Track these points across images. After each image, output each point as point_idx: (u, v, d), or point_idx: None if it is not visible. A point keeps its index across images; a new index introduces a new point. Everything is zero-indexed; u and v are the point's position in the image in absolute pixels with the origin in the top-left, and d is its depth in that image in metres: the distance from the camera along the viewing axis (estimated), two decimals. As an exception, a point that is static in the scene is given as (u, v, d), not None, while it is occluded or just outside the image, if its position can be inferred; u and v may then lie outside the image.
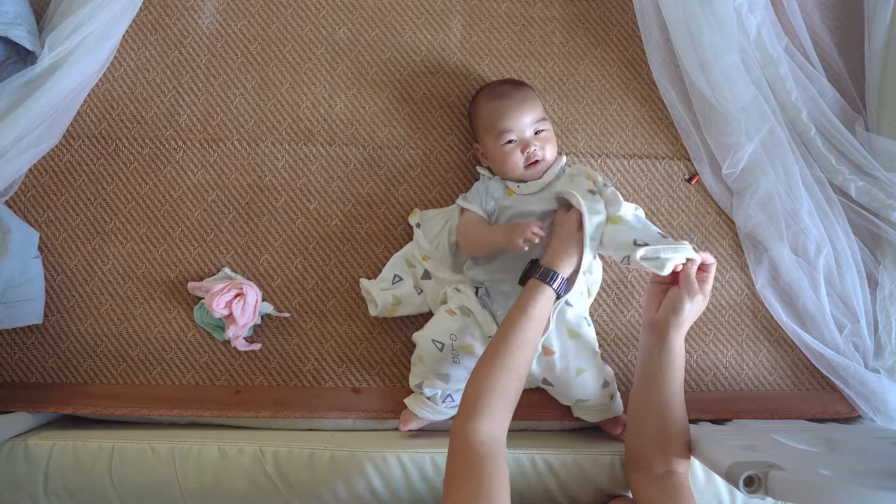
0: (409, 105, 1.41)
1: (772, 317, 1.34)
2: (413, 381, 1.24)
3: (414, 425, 1.25)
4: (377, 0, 1.44)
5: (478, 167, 1.34)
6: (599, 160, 1.40)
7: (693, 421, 1.27)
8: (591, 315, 1.30)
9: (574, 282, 1.13)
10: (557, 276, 1.08)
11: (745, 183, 1.34)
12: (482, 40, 1.44)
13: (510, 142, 1.23)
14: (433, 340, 1.21)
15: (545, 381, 1.22)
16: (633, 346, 1.34)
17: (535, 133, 1.24)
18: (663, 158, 1.41)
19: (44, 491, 1.19)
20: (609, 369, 1.25)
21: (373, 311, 1.30)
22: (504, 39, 1.44)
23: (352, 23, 1.43)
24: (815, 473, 0.86)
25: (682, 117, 1.39)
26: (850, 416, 1.31)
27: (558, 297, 1.09)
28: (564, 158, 1.29)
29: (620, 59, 1.44)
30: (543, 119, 1.26)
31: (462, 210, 1.28)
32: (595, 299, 1.31)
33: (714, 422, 1.30)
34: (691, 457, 1.08)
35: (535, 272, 1.09)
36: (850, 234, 1.32)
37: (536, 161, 1.23)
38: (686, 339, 1.33)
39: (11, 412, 1.26)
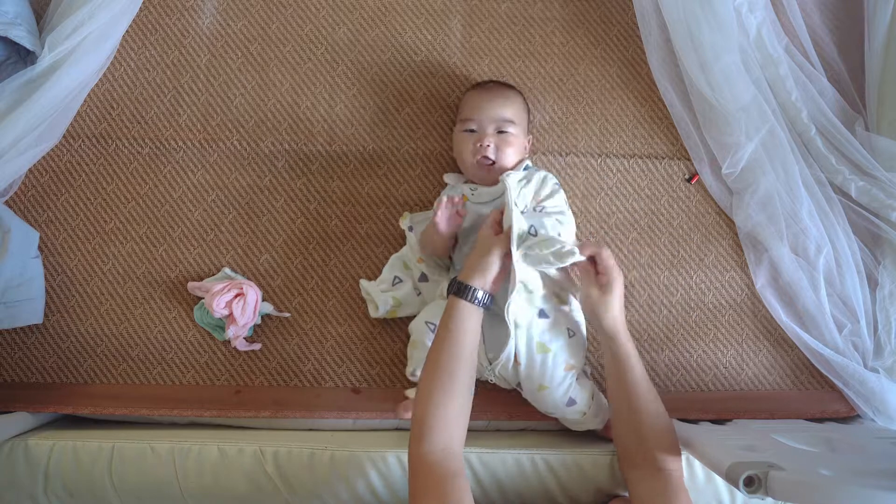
0: (409, 105, 1.41)
1: (772, 317, 1.34)
2: (409, 370, 1.25)
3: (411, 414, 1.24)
4: (377, 0, 1.44)
5: (444, 175, 1.34)
6: (599, 160, 1.40)
7: (693, 421, 1.28)
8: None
9: (497, 288, 1.11)
10: (470, 290, 1.07)
11: (745, 183, 1.34)
12: (482, 40, 1.44)
13: (469, 131, 1.23)
14: (426, 322, 1.21)
15: (520, 386, 1.21)
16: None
17: (498, 132, 1.23)
18: (663, 158, 1.41)
19: (44, 491, 1.19)
20: (586, 386, 1.19)
21: (373, 313, 1.30)
22: (504, 39, 1.44)
23: (352, 23, 1.43)
24: (815, 473, 0.86)
25: (682, 117, 1.39)
26: (849, 416, 1.31)
27: (486, 307, 1.09)
28: (526, 163, 1.25)
29: (620, 59, 1.44)
30: (512, 122, 1.23)
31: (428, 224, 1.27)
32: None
33: (714, 422, 1.30)
34: (688, 455, 1.09)
35: (452, 288, 1.10)
36: (850, 234, 1.32)
37: (487, 160, 1.21)
38: (686, 340, 1.35)
39: (11, 412, 1.26)
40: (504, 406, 1.27)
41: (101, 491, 1.18)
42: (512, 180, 1.15)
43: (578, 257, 1.06)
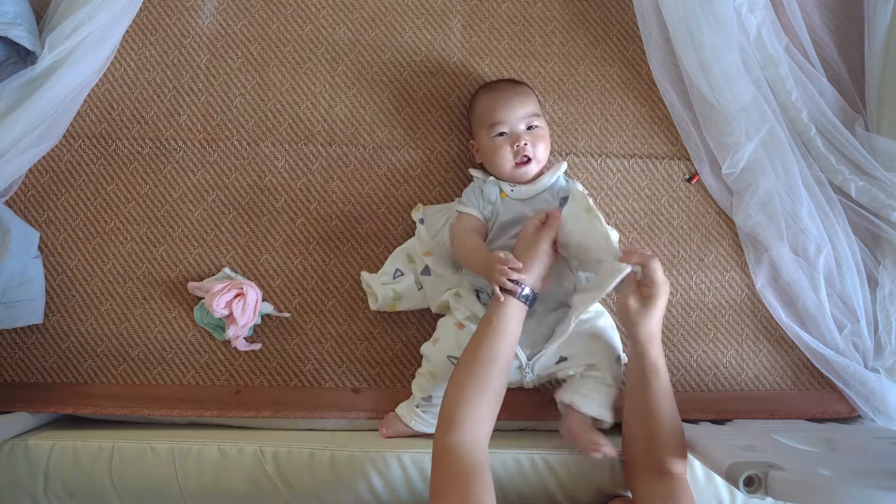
0: (409, 105, 1.41)
1: (772, 317, 1.34)
2: (419, 394, 1.22)
3: (395, 432, 1.24)
4: (377, 0, 1.44)
5: (470, 170, 1.33)
6: (599, 160, 1.40)
7: (693, 421, 1.27)
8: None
9: (539, 287, 1.11)
10: (521, 289, 1.07)
11: (745, 183, 1.34)
12: (482, 40, 1.44)
13: (501, 134, 1.22)
14: (448, 357, 1.19)
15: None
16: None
17: (528, 128, 1.23)
18: (663, 158, 1.41)
19: (44, 491, 1.19)
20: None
21: (373, 305, 1.30)
22: (504, 39, 1.44)
23: (352, 23, 1.43)
24: (815, 473, 0.86)
25: (682, 117, 1.39)
26: (850, 416, 1.31)
27: (529, 305, 1.09)
28: (564, 166, 1.27)
29: (620, 59, 1.44)
30: (537, 115, 1.24)
31: (459, 214, 1.25)
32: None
33: (714, 422, 1.30)
34: (691, 457, 1.09)
35: None
36: (850, 234, 1.32)
37: (527, 158, 1.21)
38: (686, 340, 1.35)
39: (11, 412, 1.26)
40: (504, 406, 1.26)
41: (101, 491, 1.18)
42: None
43: (625, 272, 1.05)
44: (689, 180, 1.40)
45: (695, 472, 1.17)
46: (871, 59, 1.38)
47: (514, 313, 1.07)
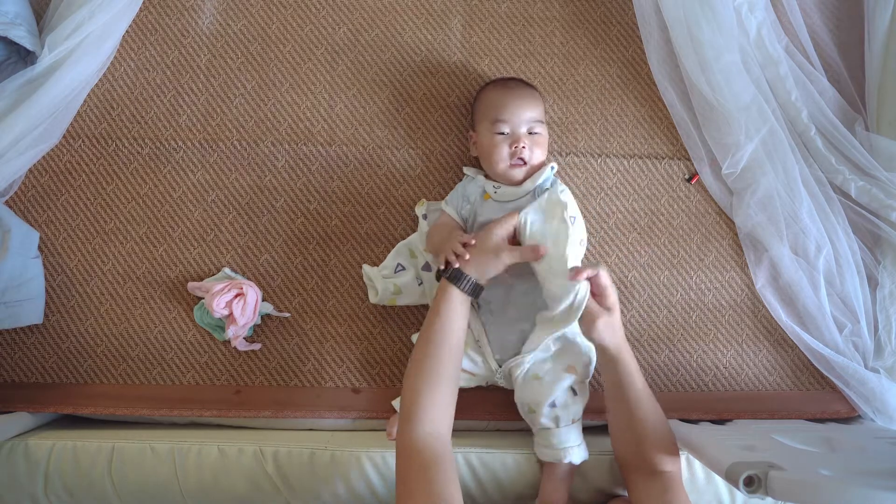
0: (409, 105, 1.41)
1: (772, 317, 1.34)
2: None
3: None
4: (377, 0, 1.44)
5: (464, 168, 1.34)
6: (599, 160, 1.40)
7: (693, 421, 1.28)
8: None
9: (485, 279, 1.11)
10: (465, 278, 1.09)
11: (745, 183, 1.34)
12: (482, 40, 1.44)
13: (502, 133, 1.22)
14: None
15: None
16: (633, 346, 1.34)
17: (529, 133, 1.23)
18: (663, 158, 1.41)
19: (44, 491, 1.19)
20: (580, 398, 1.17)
21: (373, 298, 1.30)
22: (504, 39, 1.44)
23: (352, 23, 1.43)
24: (815, 473, 0.86)
25: (682, 117, 1.39)
26: (849, 416, 1.31)
27: (473, 296, 1.10)
28: (551, 170, 1.24)
29: (620, 59, 1.44)
30: (541, 122, 1.25)
31: (441, 212, 1.28)
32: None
33: (714, 422, 1.30)
34: (688, 455, 1.09)
35: (446, 272, 1.11)
36: (850, 234, 1.32)
37: (522, 161, 1.21)
38: (686, 339, 1.35)
39: (11, 412, 1.26)
40: (504, 406, 1.27)
41: (101, 491, 1.18)
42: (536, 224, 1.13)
43: (576, 293, 1.05)
44: (689, 180, 1.40)
45: (695, 472, 1.17)
46: (871, 59, 1.38)
47: (456, 305, 1.08)
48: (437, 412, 1.01)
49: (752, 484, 0.85)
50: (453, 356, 1.06)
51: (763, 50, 1.35)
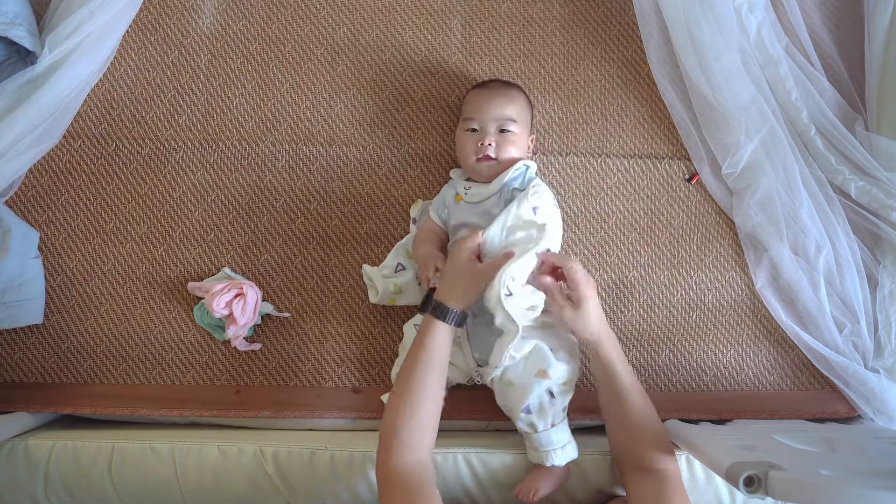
0: (409, 105, 1.41)
1: (772, 317, 1.34)
2: (395, 370, 1.25)
3: None
4: (377, 0, 1.44)
5: (451, 171, 1.34)
6: (599, 160, 1.40)
7: (693, 421, 1.27)
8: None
9: (467, 305, 1.11)
10: (450, 312, 1.09)
11: (745, 183, 1.34)
12: (482, 40, 1.44)
13: (472, 130, 1.23)
14: (415, 325, 1.23)
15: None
16: (633, 346, 1.34)
17: (501, 130, 1.22)
18: (663, 158, 1.41)
19: (44, 491, 1.19)
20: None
21: (373, 298, 1.30)
22: (504, 39, 1.44)
23: (352, 23, 1.43)
24: (815, 473, 0.86)
25: (682, 117, 1.39)
26: (849, 416, 1.31)
27: (457, 325, 1.10)
28: (524, 168, 1.21)
29: (620, 59, 1.44)
30: (513, 121, 1.22)
31: (427, 217, 1.29)
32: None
33: (714, 422, 1.30)
34: (688, 455, 1.09)
35: (428, 307, 1.11)
36: (850, 234, 1.32)
37: (488, 157, 1.21)
38: (686, 339, 1.35)
39: (11, 412, 1.26)
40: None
41: (101, 491, 1.18)
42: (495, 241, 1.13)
43: (538, 308, 1.09)
44: (689, 180, 1.40)
45: (695, 472, 1.17)
46: (871, 59, 1.38)
47: (445, 336, 1.09)
48: (421, 441, 1.01)
49: (752, 484, 0.85)
50: (437, 382, 1.07)
51: (763, 50, 1.35)
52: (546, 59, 1.44)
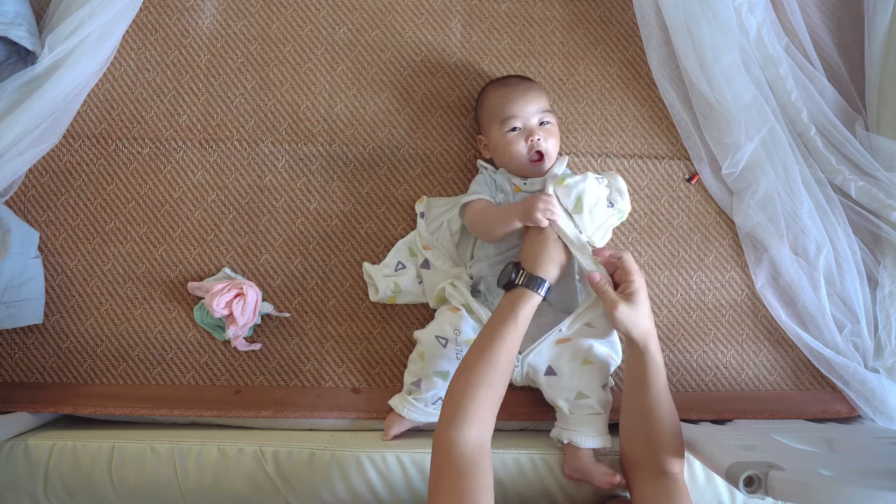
0: (409, 105, 1.41)
1: (772, 317, 1.34)
2: (409, 379, 1.22)
3: (397, 429, 1.22)
4: (377, 0, 1.44)
5: (478, 161, 1.33)
6: (599, 160, 1.40)
7: (693, 421, 1.27)
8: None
9: (556, 278, 1.12)
10: (542, 283, 1.07)
11: (745, 183, 1.34)
12: (482, 40, 1.44)
13: (514, 129, 1.23)
14: (437, 336, 1.20)
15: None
16: (633, 346, 1.34)
17: (540, 123, 1.24)
18: (663, 158, 1.41)
19: (44, 491, 1.19)
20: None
21: (373, 297, 1.30)
22: (504, 39, 1.44)
23: (352, 23, 1.43)
24: (815, 473, 0.86)
25: (682, 117, 1.39)
26: (850, 416, 1.31)
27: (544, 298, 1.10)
28: (566, 160, 1.29)
29: (620, 59, 1.44)
30: (549, 111, 1.26)
31: (464, 206, 1.26)
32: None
33: (714, 422, 1.30)
34: (691, 457, 1.09)
35: (519, 278, 1.08)
36: (850, 234, 1.32)
37: (540, 154, 1.22)
38: (686, 339, 1.34)
39: (11, 412, 1.26)
40: (504, 406, 1.26)
41: (101, 491, 1.18)
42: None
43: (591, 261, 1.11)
44: (689, 180, 1.40)
45: (695, 472, 1.17)
46: (871, 59, 1.38)
47: (532, 307, 1.07)
48: (485, 418, 0.97)
49: (752, 484, 0.85)
50: (512, 364, 1.05)
51: (763, 50, 1.35)
52: (546, 59, 1.44)
